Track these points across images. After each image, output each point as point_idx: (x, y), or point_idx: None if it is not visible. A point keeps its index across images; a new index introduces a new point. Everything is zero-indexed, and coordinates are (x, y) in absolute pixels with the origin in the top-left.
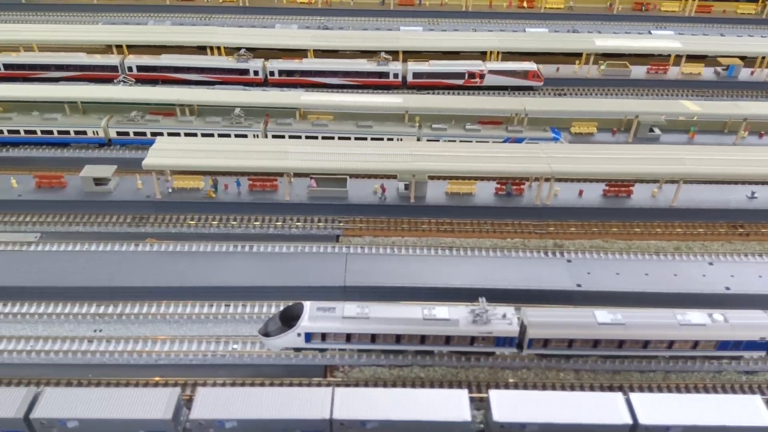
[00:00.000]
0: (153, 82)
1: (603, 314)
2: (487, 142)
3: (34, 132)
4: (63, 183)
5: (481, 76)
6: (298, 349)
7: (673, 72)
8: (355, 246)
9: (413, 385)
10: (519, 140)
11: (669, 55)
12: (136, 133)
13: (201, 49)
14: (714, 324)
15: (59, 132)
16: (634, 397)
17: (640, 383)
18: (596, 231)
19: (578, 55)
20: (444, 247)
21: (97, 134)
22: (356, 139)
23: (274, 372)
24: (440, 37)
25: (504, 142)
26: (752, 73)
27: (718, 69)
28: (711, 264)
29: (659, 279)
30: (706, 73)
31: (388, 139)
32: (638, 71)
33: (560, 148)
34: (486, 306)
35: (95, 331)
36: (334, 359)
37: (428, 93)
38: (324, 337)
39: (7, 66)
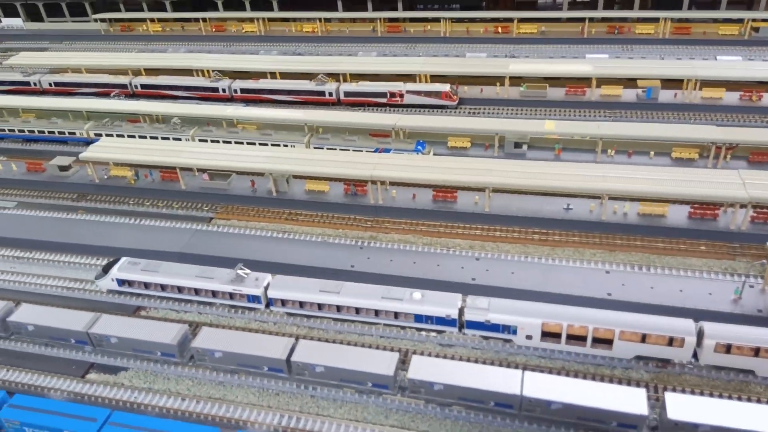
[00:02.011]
0: (155, 97)
1: (326, 284)
2: (362, 151)
3: (43, 132)
4: (42, 168)
5: (401, 96)
6: (114, 291)
7: (595, 93)
8: (221, 227)
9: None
10: (387, 150)
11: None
12: (106, 135)
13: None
14: (410, 299)
15: (59, 132)
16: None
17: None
18: (423, 229)
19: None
20: (294, 233)
21: (83, 135)
22: (260, 144)
23: (102, 307)
24: (375, 61)
25: (374, 151)
26: (675, 95)
27: (638, 91)
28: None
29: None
30: (629, 95)
31: (284, 146)
32: (558, 93)
33: (396, 157)
34: (245, 271)
35: None
36: (143, 302)
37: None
38: (130, 283)
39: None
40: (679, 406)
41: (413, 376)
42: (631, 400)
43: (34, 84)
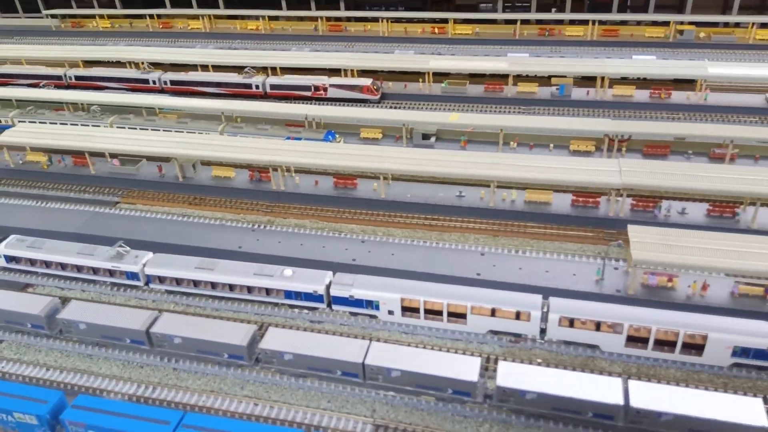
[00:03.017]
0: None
1: (202, 261)
2: (273, 139)
3: None
4: None
5: (325, 89)
6: (1, 268)
7: (513, 90)
8: (123, 210)
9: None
10: (297, 139)
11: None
12: (29, 122)
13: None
14: (280, 276)
15: None
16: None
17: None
18: (322, 215)
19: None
20: (193, 216)
21: (7, 122)
22: (175, 132)
23: None
24: (302, 55)
25: (286, 139)
26: (587, 92)
27: (552, 89)
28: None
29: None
30: (544, 92)
31: (198, 133)
32: (478, 89)
33: (298, 144)
34: (125, 249)
35: None
36: (31, 279)
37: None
38: (17, 260)
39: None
40: (510, 374)
41: (266, 347)
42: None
43: None
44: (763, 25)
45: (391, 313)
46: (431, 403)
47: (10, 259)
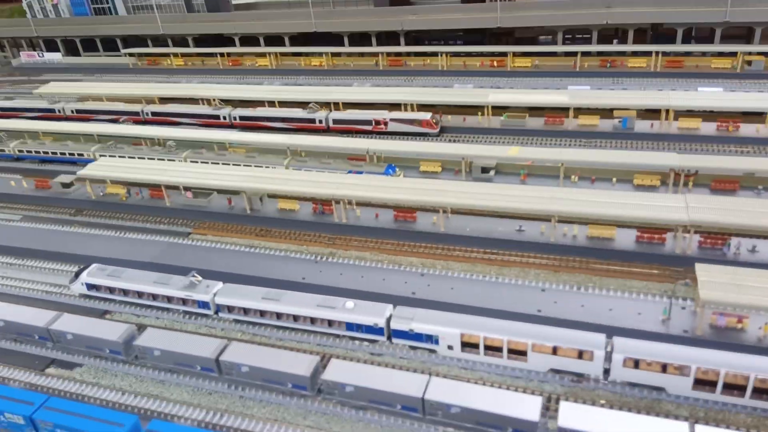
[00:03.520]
0: (163, 123)
1: (269, 292)
2: (335, 172)
3: (56, 153)
4: (48, 185)
5: (385, 123)
6: (84, 295)
7: (573, 123)
8: (195, 241)
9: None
10: (359, 173)
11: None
12: (110, 156)
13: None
14: (342, 308)
15: (69, 154)
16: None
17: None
18: (382, 247)
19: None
20: (260, 248)
21: (89, 156)
22: (244, 166)
23: (71, 309)
24: (364, 90)
25: (348, 173)
26: (651, 125)
27: (615, 121)
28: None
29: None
30: (606, 125)
31: (265, 167)
32: (538, 122)
33: (360, 178)
34: (197, 279)
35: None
36: (109, 306)
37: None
38: (97, 288)
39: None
40: (572, 415)
41: (328, 378)
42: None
43: (58, 111)
44: None
45: (450, 348)
46: None
47: (91, 287)
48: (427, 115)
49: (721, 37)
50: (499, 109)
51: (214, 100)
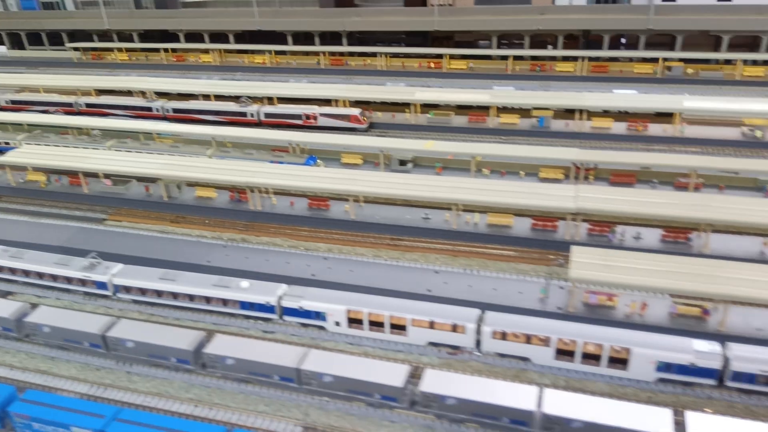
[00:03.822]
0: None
1: (166, 273)
2: (256, 162)
3: None
4: None
5: (315, 118)
6: None
7: (495, 121)
8: (109, 226)
9: None
10: (280, 163)
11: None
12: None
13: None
14: (237, 288)
15: None
16: None
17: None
18: (295, 234)
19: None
20: (173, 233)
21: (16, 145)
22: (165, 154)
23: None
24: (296, 86)
25: (269, 163)
26: (567, 124)
27: (533, 120)
28: None
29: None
30: (525, 123)
31: (185, 156)
32: (462, 120)
33: (275, 167)
34: (97, 260)
35: None
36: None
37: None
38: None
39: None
40: (433, 381)
41: (210, 351)
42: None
43: None
44: (754, 62)
45: (338, 324)
46: (362, 408)
47: None
48: (355, 111)
49: (645, 44)
50: (427, 107)
51: (147, 93)
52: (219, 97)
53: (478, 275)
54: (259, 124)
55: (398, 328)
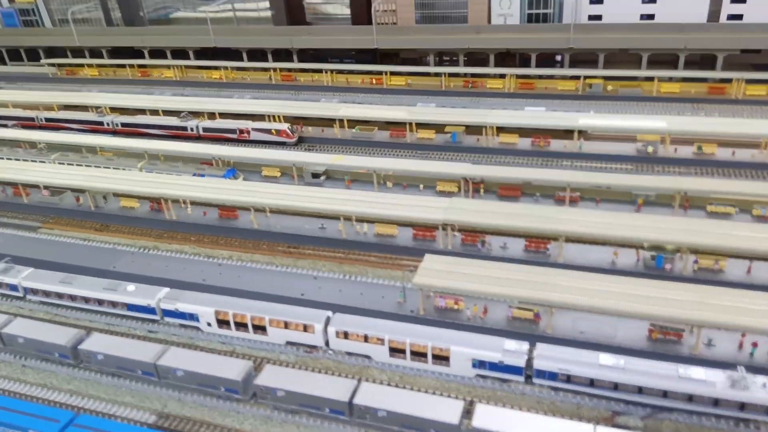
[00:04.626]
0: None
1: (66, 277)
2: (180, 174)
3: None
4: None
5: (248, 132)
6: None
7: (413, 137)
8: (41, 234)
9: None
10: (202, 175)
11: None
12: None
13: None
14: (123, 291)
15: None
16: None
17: None
18: (209, 242)
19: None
20: (100, 241)
21: None
22: (102, 168)
23: None
24: (233, 102)
25: (192, 175)
26: (477, 140)
27: (447, 136)
28: None
29: None
30: (440, 139)
31: (113, 168)
32: (384, 134)
33: (189, 180)
34: (9, 265)
35: None
36: None
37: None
38: None
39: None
40: (269, 375)
41: (85, 347)
42: None
43: None
44: (670, 79)
45: (209, 324)
46: (213, 399)
47: None
48: (284, 126)
49: (577, 61)
50: (354, 122)
51: (96, 107)
52: (167, 112)
53: (349, 281)
54: (198, 138)
55: (259, 328)
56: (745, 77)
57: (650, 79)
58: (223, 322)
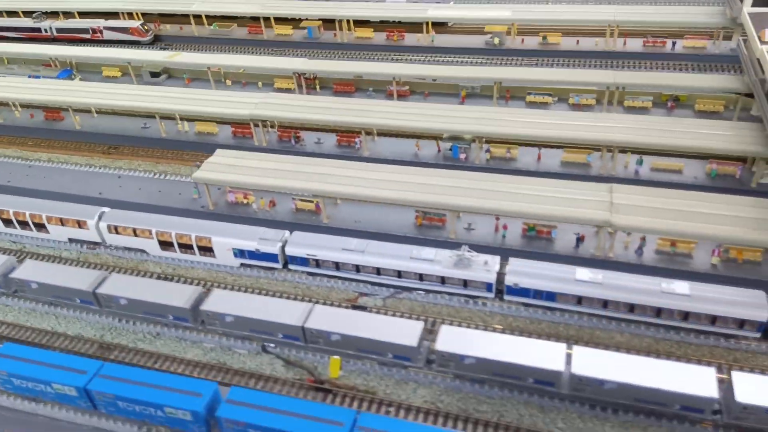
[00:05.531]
0: None
1: None
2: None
3: None
4: None
5: (101, 32)
6: None
7: (271, 33)
8: None
9: None
10: (37, 77)
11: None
12: None
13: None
14: None
15: None
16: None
17: None
18: (32, 145)
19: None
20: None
21: None
22: None
23: None
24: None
25: (28, 77)
26: (334, 35)
27: (303, 31)
28: None
29: None
30: (298, 34)
31: None
32: (242, 32)
33: (21, 81)
34: None
35: None
36: None
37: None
38: None
39: None
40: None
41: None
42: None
43: None
44: None
45: None
46: None
47: None
48: (135, 23)
49: None
50: (215, 19)
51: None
52: (27, 14)
53: (150, 179)
54: (54, 39)
55: (40, 226)
56: None
57: None
58: (7, 221)
